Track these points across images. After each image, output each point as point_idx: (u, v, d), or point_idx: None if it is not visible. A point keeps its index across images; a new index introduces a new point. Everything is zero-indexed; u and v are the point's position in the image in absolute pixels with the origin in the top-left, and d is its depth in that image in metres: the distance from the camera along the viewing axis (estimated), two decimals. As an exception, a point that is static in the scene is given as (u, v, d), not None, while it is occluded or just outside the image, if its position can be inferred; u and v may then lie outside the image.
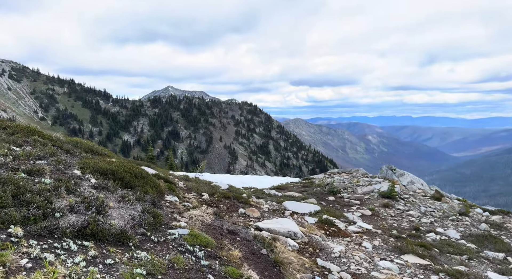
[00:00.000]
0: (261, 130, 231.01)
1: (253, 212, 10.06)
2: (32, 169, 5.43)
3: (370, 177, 20.27)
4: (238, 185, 19.86)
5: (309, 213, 11.81)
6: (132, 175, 6.80)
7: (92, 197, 4.71)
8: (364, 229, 11.00)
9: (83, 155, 8.25)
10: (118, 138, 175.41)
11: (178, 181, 13.08)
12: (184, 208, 6.86)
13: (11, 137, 7.80)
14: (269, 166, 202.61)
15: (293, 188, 18.80)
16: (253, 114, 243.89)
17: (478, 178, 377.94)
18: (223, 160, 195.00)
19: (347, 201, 15.41)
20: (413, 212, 13.85)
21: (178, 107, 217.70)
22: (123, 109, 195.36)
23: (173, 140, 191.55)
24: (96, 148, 11.56)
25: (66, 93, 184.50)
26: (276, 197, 15.11)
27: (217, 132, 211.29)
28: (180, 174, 19.77)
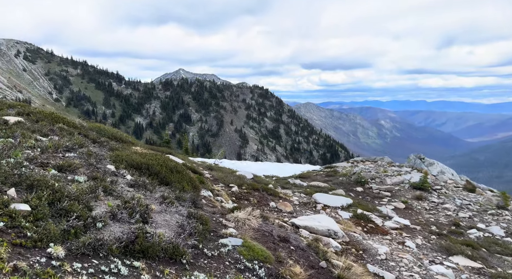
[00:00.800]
0: (272, 114, 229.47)
1: (285, 206, 9.48)
2: (63, 164, 4.87)
3: (397, 166, 19.44)
4: (258, 172, 19.33)
5: (341, 207, 11.19)
6: (168, 169, 6.22)
7: (134, 201, 4.13)
8: (401, 225, 10.34)
9: (111, 145, 7.69)
10: (130, 120, 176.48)
11: (203, 170, 12.55)
12: (224, 209, 6.28)
13: (35, 124, 7.27)
14: (280, 150, 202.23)
15: (317, 177, 18.16)
16: (264, 98, 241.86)
17: (492, 164, 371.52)
18: (233, 144, 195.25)
19: (377, 193, 14.72)
20: (448, 205, 13.10)
21: (189, 90, 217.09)
22: (136, 92, 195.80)
23: (184, 123, 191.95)
24: (120, 135, 11.03)
25: (80, 74, 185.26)
26: (302, 188, 14.52)
27: (228, 115, 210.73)
28: (198, 161, 19.30)
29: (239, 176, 12.61)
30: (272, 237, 4.88)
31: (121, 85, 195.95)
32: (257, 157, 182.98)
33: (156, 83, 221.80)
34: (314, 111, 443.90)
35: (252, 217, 5.12)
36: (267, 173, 19.79)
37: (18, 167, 4.21)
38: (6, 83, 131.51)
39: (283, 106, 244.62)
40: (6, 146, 4.91)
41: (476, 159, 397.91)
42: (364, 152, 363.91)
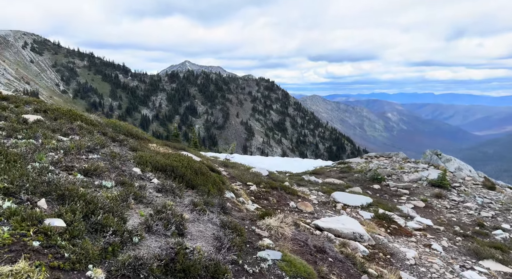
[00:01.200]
0: (278, 106, 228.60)
1: (305, 207, 9.22)
2: (88, 168, 4.64)
3: (413, 162, 19.08)
4: (271, 168, 19.10)
5: (361, 206, 10.91)
6: (192, 171, 5.96)
7: (167, 210, 3.88)
8: (424, 226, 10.05)
9: (130, 144, 7.45)
10: (137, 112, 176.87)
11: (218, 167, 12.31)
12: (251, 213, 6.03)
13: (54, 123, 7.05)
14: (286, 143, 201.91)
15: (331, 174, 17.87)
16: (270, 90, 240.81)
17: (500, 157, 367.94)
18: (239, 137, 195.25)
19: (394, 190, 14.40)
20: (470, 204, 12.75)
21: (195, 82, 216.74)
22: (142, 84, 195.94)
23: (190, 116, 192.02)
24: (136, 131, 10.82)
25: (86, 66, 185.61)
26: (318, 185, 14.25)
27: (234, 108, 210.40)
28: (210, 156, 19.09)
29: (255, 174, 12.36)
30: (308, 248, 4.62)
31: (128, 77, 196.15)
32: (262, 150, 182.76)
33: (162, 75, 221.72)
34: (320, 103, 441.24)
35: (285, 225, 4.87)
36: (280, 169, 19.55)
37: (44, 172, 3.98)
38: (14, 74, 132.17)
39: (289, 98, 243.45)
40: (29, 148, 4.69)
41: (484, 153, 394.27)
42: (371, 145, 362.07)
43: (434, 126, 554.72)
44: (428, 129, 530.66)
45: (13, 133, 5.31)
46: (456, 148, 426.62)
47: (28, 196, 3.21)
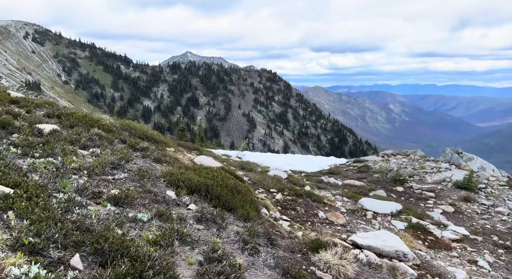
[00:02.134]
0: (280, 98, 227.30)
1: (337, 218, 8.57)
2: (119, 196, 3.96)
3: (432, 161, 18.40)
4: (284, 167, 18.48)
5: (391, 213, 10.27)
6: (228, 190, 5.29)
7: (222, 257, 3.21)
8: (460, 235, 9.42)
9: (155, 156, 6.76)
10: (139, 103, 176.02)
11: (236, 169, 11.66)
12: (296, 240, 5.37)
13: (70, 131, 6.37)
14: (288, 135, 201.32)
15: (348, 173, 17.22)
16: (272, 81, 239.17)
17: (503, 148, 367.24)
18: (241, 128, 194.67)
19: (419, 193, 13.76)
20: (501, 208, 12.11)
21: (197, 73, 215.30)
22: (143, 75, 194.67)
23: (192, 107, 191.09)
24: (151, 134, 10.13)
25: (88, 57, 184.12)
26: (338, 187, 13.62)
27: (236, 99, 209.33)
28: (221, 154, 18.44)
29: (276, 178, 11.70)
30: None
31: (129, 68, 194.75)
32: (264, 142, 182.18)
33: (164, 66, 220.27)
34: (322, 95, 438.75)
35: (346, 262, 4.21)
36: (293, 168, 18.92)
37: (72, 207, 3.32)
38: (15, 65, 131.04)
39: (291, 90, 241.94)
40: (50, 173, 4.01)
41: (486, 144, 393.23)
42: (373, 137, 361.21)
43: (436, 117, 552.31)
44: (430, 121, 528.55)
45: (29, 151, 4.62)
46: (459, 140, 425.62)
47: (59, 253, 2.55)
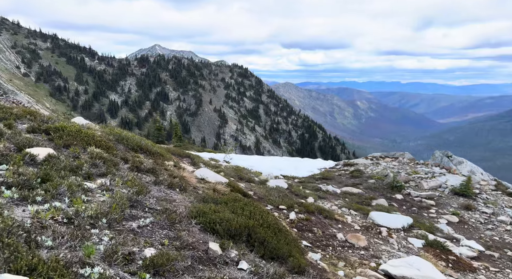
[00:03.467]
0: (251, 94, 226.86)
1: (357, 240, 7.93)
2: (158, 261, 2.99)
3: (422, 164, 18.36)
4: (273, 171, 17.79)
5: (403, 228, 9.82)
6: (271, 230, 4.43)
7: None
8: (476, 251, 9.11)
9: (170, 182, 5.74)
10: (105, 97, 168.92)
11: (235, 180, 10.74)
12: None
13: (65, 152, 5.23)
14: (259, 131, 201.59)
15: (341, 179, 16.77)
16: (243, 77, 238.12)
17: (461, 144, 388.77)
18: (213, 124, 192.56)
19: (418, 201, 13.50)
20: (504, 217, 12.05)
21: (166, 67, 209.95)
22: (110, 68, 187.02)
23: (161, 102, 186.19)
24: (145, 145, 9.01)
25: (49, 48, 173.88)
26: (338, 196, 13.08)
27: (207, 94, 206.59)
28: (208, 158, 17.41)
29: (279, 190, 10.91)
30: None
31: (94, 60, 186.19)
32: (236, 137, 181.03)
33: (131, 59, 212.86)
34: (293, 91, 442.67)
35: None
36: (283, 172, 18.25)
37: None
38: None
39: (263, 86, 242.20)
40: (64, 230, 2.97)
41: (446, 140, 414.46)
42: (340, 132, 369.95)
43: (400, 114, 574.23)
44: (394, 117, 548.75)
45: (27, 193, 3.52)
46: (420, 135, 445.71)
47: None
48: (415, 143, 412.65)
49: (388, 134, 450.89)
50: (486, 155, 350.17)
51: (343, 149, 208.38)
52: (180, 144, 29.66)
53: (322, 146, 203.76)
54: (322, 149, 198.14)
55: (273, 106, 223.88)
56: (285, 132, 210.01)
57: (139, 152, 8.88)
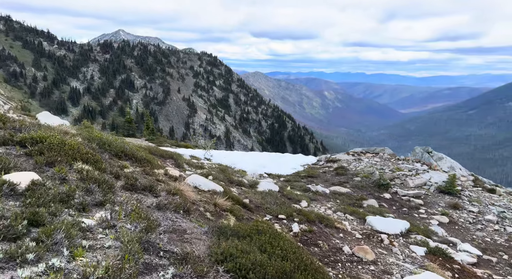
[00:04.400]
0: (221, 83, 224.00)
1: (364, 253, 7.52)
2: None
3: (403, 160, 18.47)
4: (257, 169, 17.23)
5: (401, 234, 9.59)
6: (310, 275, 3.79)
7: None
8: (475, 257, 9.05)
9: (176, 203, 4.94)
10: (65, 84, 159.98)
11: (226, 185, 10.01)
12: None
13: (48, 171, 4.29)
14: (229, 120, 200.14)
15: (326, 176, 16.48)
16: (213, 65, 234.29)
17: (421, 133, 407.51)
18: (181, 113, 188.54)
19: (407, 200, 13.45)
20: (490, 216, 12.21)
21: (131, 54, 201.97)
22: (70, 53, 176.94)
23: (127, 90, 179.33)
24: (130, 150, 8.06)
25: (3, 31, 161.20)
26: (328, 198, 12.72)
27: (175, 83, 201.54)
28: (189, 156, 16.50)
29: (274, 196, 10.32)
30: None
31: (53, 45, 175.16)
32: (206, 127, 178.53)
33: (94, 45, 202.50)
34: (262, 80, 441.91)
35: None
36: (266, 169, 17.71)
37: None
38: None
39: (233, 75, 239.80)
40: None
41: (407, 129, 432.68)
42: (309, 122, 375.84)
43: (364, 104, 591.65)
44: (359, 107, 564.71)
45: (14, 250, 2.64)
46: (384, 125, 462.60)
47: None
48: (379, 133, 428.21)
49: (354, 124, 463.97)
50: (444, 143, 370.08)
51: (311, 139, 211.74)
52: (153, 138, 28.29)
53: (291, 135, 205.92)
54: (292, 139, 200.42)
55: (243, 95, 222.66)
56: (255, 122, 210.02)
57: (123, 158, 7.94)
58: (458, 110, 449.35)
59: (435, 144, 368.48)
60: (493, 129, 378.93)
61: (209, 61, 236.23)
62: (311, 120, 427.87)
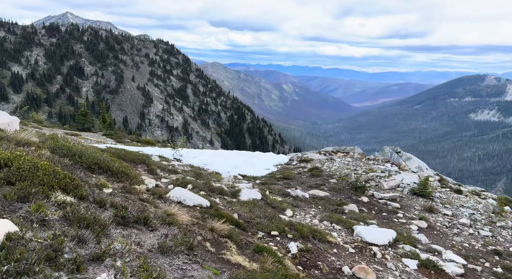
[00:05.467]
0: (178, 72, 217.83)
1: (365, 274, 7.10)
2: None
3: (373, 159, 18.64)
4: (231, 170, 16.51)
5: (389, 244, 9.40)
6: None
7: None
8: (461, 266, 9.08)
9: (154, 224, 4.07)
10: (6, 69, 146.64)
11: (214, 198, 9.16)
12: None
13: (22, 208, 3.25)
14: (187, 111, 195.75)
15: (302, 178, 16.13)
16: (169, 54, 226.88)
17: (372, 126, 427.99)
18: (136, 102, 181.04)
19: (384, 203, 13.44)
20: (464, 220, 12.49)
21: (81, 38, 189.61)
22: (11, 35, 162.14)
23: (76, 77, 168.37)
24: (104, 161, 6.94)
25: None
26: (309, 203, 12.33)
27: (129, 71, 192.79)
28: (158, 156, 15.32)
29: (258, 205, 9.65)
30: None
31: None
32: (162, 118, 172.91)
33: (39, 27, 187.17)
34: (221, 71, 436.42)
35: None
36: (239, 170, 17.00)
37: None
38: None
39: (191, 64, 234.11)
40: None
41: (359, 122, 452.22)
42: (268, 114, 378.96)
43: (320, 98, 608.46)
44: (315, 100, 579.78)
45: None
46: (338, 118, 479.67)
47: None
48: (333, 125, 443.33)
49: (310, 116, 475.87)
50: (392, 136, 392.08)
51: (270, 131, 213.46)
52: (111, 133, 26.31)
53: (250, 127, 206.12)
54: (251, 131, 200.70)
55: (202, 86, 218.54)
56: (214, 113, 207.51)
57: (97, 171, 6.83)
58: (405, 105, 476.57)
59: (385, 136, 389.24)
60: (436, 123, 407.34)
61: (166, 49, 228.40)
62: (270, 112, 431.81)
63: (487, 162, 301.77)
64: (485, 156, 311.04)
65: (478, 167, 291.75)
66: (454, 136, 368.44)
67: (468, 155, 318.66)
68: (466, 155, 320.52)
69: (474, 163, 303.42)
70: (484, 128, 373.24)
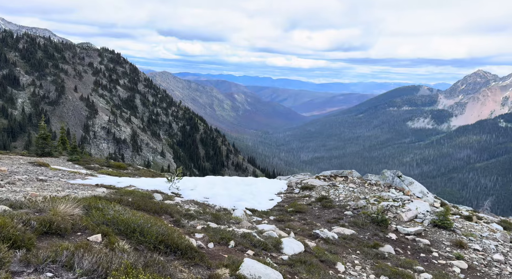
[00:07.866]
0: (125, 82, 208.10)
1: None
2: None
3: (374, 185, 17.96)
4: (235, 204, 14.85)
5: (459, 298, 8.42)
6: None
7: None
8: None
9: None
10: None
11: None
12: None
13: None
14: (136, 122, 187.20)
15: (315, 211, 14.84)
16: (116, 63, 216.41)
17: (320, 134, 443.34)
18: (79, 114, 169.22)
19: (412, 240, 12.56)
20: (498, 255, 11.98)
21: (15, 46, 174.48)
22: None
23: (10, 87, 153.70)
24: (170, 237, 5.05)
25: None
26: (341, 246, 11.05)
27: (71, 81, 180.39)
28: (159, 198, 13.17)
29: (317, 267, 8.15)
30: None
31: None
32: (108, 129, 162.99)
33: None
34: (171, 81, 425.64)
35: None
36: (244, 202, 15.31)
37: None
38: None
39: (139, 74, 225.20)
40: None
41: (308, 131, 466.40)
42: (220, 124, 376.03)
43: (271, 107, 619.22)
44: (266, 110, 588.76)
45: None
46: (288, 127, 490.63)
47: None
48: (284, 134, 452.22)
49: (262, 126, 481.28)
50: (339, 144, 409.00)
51: (223, 141, 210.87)
52: (77, 158, 23.08)
53: (203, 138, 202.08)
54: (204, 141, 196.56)
55: (152, 96, 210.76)
56: (166, 124, 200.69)
57: (162, 251, 4.93)
58: (350, 114, 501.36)
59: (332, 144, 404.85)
60: (377, 131, 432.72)
61: (112, 58, 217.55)
62: (222, 122, 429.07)
63: (424, 166, 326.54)
64: (422, 161, 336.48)
65: (416, 171, 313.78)
66: (394, 142, 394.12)
67: (407, 160, 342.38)
68: (405, 160, 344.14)
69: (413, 168, 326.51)
70: (420, 134, 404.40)
